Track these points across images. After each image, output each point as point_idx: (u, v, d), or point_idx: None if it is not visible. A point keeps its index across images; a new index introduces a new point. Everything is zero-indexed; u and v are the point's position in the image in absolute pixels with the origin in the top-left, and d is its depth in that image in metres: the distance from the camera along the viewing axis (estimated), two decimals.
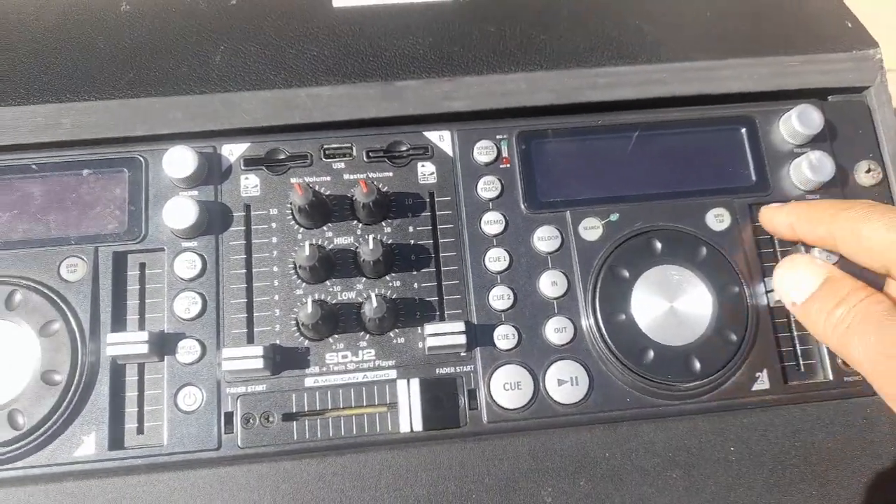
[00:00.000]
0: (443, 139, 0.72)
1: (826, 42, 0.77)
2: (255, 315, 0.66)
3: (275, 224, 0.68)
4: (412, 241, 0.69)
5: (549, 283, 0.68)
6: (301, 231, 0.68)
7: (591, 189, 0.71)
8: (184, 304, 0.65)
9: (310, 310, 0.62)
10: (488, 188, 0.70)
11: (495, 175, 0.71)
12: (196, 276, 0.66)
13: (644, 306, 0.67)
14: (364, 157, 0.71)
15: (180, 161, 0.66)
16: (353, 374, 0.65)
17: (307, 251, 0.64)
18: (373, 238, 0.65)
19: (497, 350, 0.66)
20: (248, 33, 0.76)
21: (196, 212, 0.65)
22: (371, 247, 0.64)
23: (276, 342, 0.65)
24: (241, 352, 0.62)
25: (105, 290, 0.65)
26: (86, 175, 0.68)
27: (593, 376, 0.66)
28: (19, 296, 0.64)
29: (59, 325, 0.63)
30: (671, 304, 0.67)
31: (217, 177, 0.69)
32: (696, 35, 0.78)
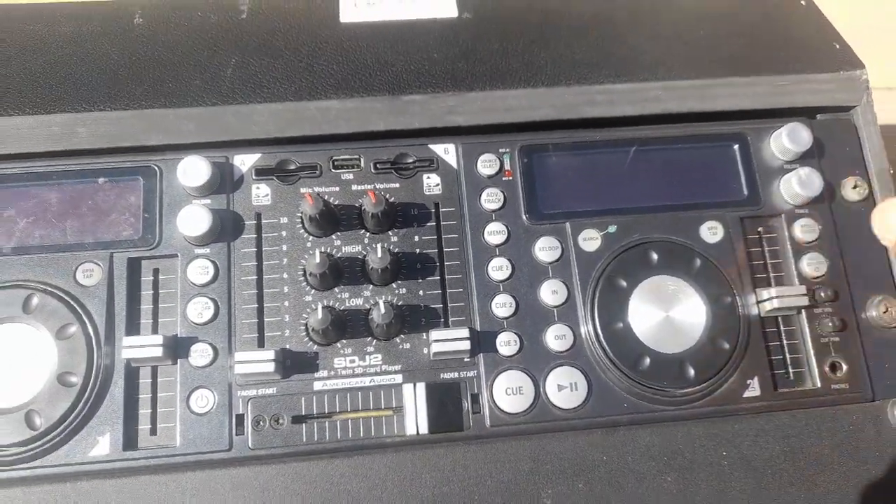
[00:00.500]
0: (447, 152, 0.74)
1: (815, 63, 0.80)
2: (265, 320, 0.68)
3: (285, 232, 0.71)
4: (418, 250, 0.71)
5: (549, 292, 0.70)
6: (310, 239, 0.70)
7: (590, 201, 0.74)
8: (197, 309, 0.67)
9: (320, 315, 0.64)
10: (491, 200, 0.73)
11: (498, 187, 0.74)
12: (209, 282, 0.68)
13: (641, 315, 0.69)
14: (371, 169, 0.73)
15: (194, 170, 0.69)
16: (360, 378, 0.67)
17: (318, 259, 0.66)
18: (381, 247, 0.67)
19: (499, 356, 0.69)
20: (259, 47, 0.78)
21: (209, 220, 0.67)
22: (380, 255, 0.66)
23: (286, 346, 0.67)
24: (253, 355, 0.64)
25: (120, 294, 0.67)
26: (101, 183, 0.70)
27: (592, 382, 0.68)
28: (36, 299, 0.66)
29: (75, 328, 0.65)
30: (667, 314, 0.70)
31: (229, 186, 0.71)
32: (691, 54, 0.81)
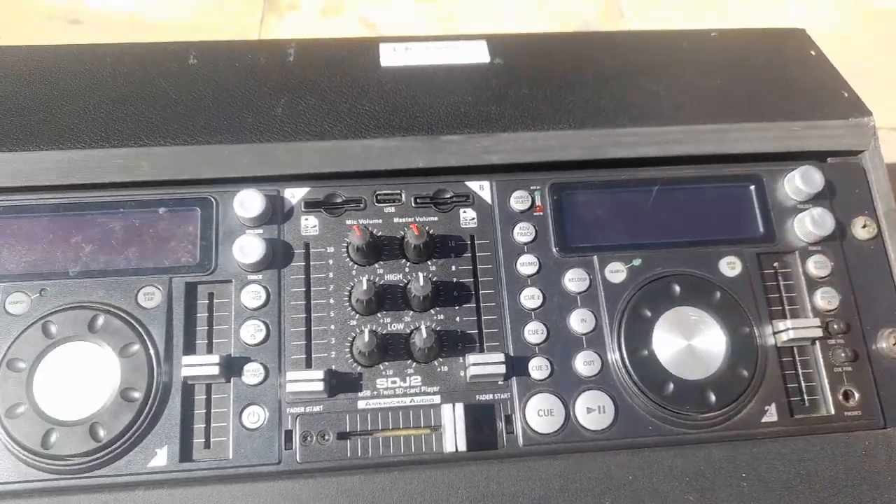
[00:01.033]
0: (483, 188, 0.80)
1: (825, 110, 0.86)
2: (313, 342, 0.72)
3: (331, 261, 0.75)
4: (454, 279, 0.76)
5: (578, 320, 0.75)
6: (355, 268, 0.75)
7: (616, 236, 0.78)
8: (249, 331, 0.72)
9: (366, 339, 0.69)
10: (523, 233, 0.78)
11: (530, 222, 0.78)
12: (261, 306, 0.73)
13: (664, 343, 0.74)
14: (412, 203, 0.78)
15: (250, 203, 0.74)
16: (401, 399, 0.72)
17: (364, 286, 0.71)
18: (423, 276, 0.72)
19: (532, 379, 0.73)
20: (306, 88, 0.84)
21: (263, 248, 0.72)
22: (422, 283, 0.71)
23: (332, 367, 0.72)
24: (303, 375, 0.69)
25: (178, 316, 0.72)
26: (162, 213, 0.75)
27: (619, 405, 0.72)
28: (101, 320, 0.70)
29: (137, 347, 0.70)
30: (689, 342, 0.74)
31: (280, 217, 0.76)
32: (709, 101, 0.87)
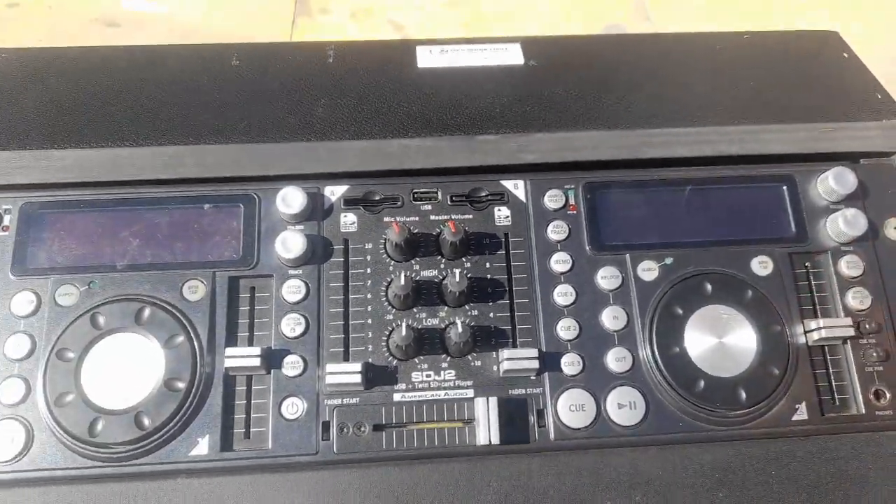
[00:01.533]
0: (517, 187, 0.81)
1: (859, 111, 0.86)
2: (350, 336, 0.74)
3: (369, 257, 0.77)
4: (489, 276, 0.77)
5: (610, 317, 0.76)
6: (392, 264, 0.77)
7: (648, 235, 0.79)
8: (289, 325, 0.74)
9: (404, 332, 0.71)
10: (557, 231, 0.79)
11: (563, 220, 0.80)
12: (300, 300, 0.75)
13: (696, 341, 0.75)
14: (448, 201, 0.80)
15: (292, 200, 0.76)
16: (435, 392, 0.73)
17: (402, 281, 0.72)
18: (459, 272, 0.73)
19: (564, 375, 0.74)
20: (345, 89, 0.86)
21: (304, 244, 0.74)
22: (458, 279, 0.73)
23: (369, 360, 0.73)
24: (342, 367, 0.70)
25: (221, 309, 0.74)
26: (206, 209, 0.78)
27: (649, 402, 0.73)
28: (147, 312, 0.73)
29: (181, 338, 0.72)
30: (720, 340, 0.75)
31: (320, 214, 0.78)
32: (742, 102, 0.87)
